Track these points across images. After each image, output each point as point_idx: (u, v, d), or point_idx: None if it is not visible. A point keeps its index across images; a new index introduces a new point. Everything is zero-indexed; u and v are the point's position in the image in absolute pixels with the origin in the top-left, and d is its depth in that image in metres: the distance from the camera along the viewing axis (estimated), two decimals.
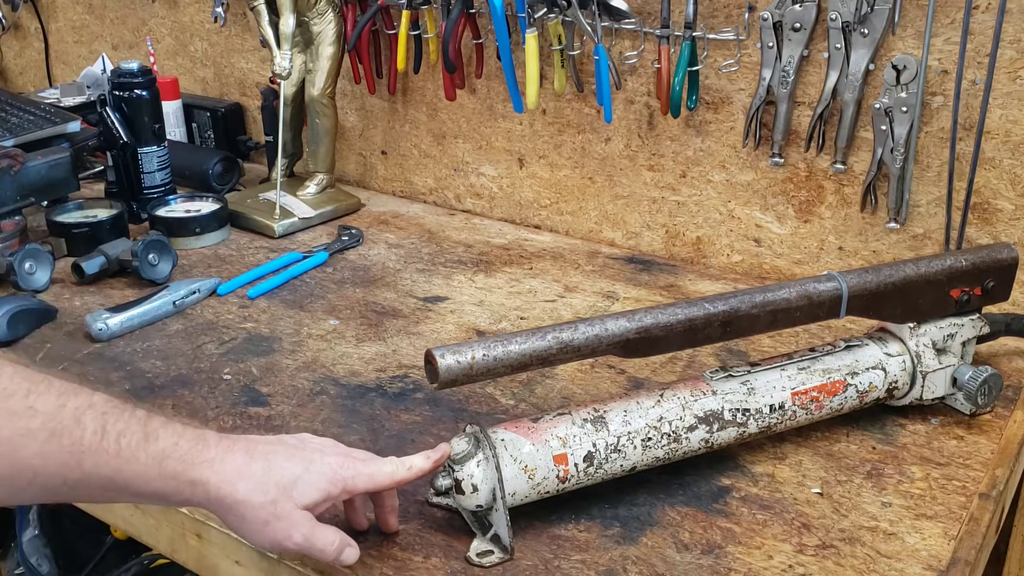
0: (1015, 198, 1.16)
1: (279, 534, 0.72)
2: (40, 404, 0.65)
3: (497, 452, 0.80)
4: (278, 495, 0.72)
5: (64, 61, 2.18)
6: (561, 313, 1.25)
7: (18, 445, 0.64)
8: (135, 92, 1.49)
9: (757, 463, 0.94)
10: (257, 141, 1.85)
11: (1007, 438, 0.97)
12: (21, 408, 0.64)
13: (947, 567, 0.80)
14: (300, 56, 1.55)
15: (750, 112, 1.28)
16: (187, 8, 1.87)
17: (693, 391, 0.88)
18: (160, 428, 0.71)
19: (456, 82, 1.52)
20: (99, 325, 1.18)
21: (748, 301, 0.87)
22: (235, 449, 0.73)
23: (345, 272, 1.38)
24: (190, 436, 0.72)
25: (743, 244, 1.37)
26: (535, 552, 0.82)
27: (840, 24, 1.17)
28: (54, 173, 1.44)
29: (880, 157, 1.20)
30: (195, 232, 1.47)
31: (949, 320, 0.98)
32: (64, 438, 0.65)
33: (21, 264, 1.29)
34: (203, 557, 0.90)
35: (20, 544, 1.74)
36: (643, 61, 1.36)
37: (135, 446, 0.68)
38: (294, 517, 0.72)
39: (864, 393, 0.95)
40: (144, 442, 0.69)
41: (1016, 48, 1.10)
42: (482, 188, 1.61)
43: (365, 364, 1.13)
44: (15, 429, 0.64)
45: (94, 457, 0.66)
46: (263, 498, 0.72)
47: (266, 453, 0.74)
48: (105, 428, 0.67)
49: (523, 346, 0.79)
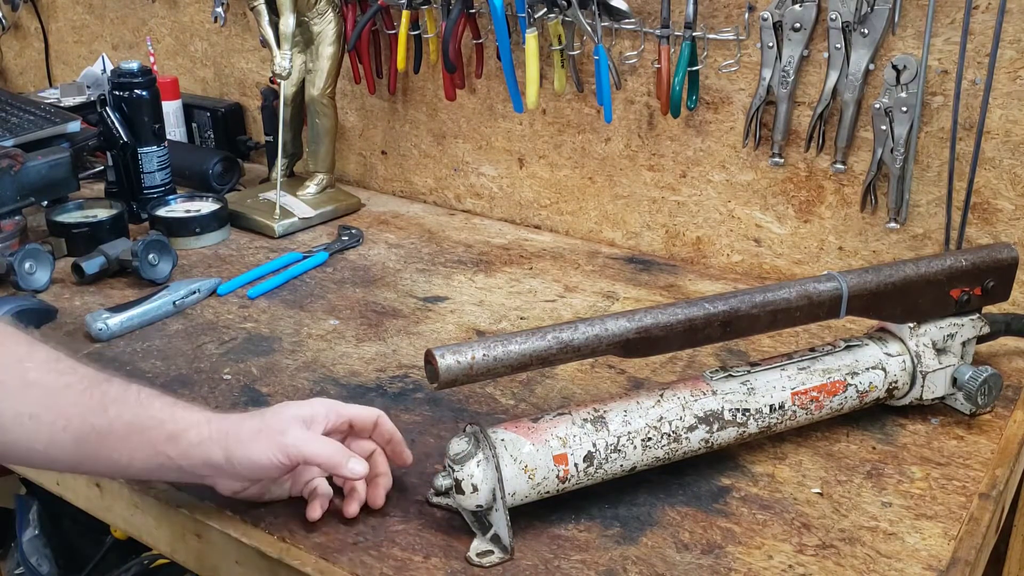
0: (1015, 198, 1.16)
1: (275, 436, 0.80)
2: (81, 368, 0.80)
3: (497, 452, 0.80)
4: (265, 414, 0.83)
5: (64, 61, 2.18)
6: (561, 313, 1.25)
7: (61, 395, 0.77)
8: (135, 92, 1.49)
9: (757, 463, 0.94)
10: (257, 141, 1.85)
11: (1007, 438, 0.97)
12: (65, 367, 0.79)
13: (947, 567, 0.80)
14: (300, 56, 1.55)
15: (750, 112, 1.28)
16: (187, 8, 1.87)
17: (693, 391, 0.88)
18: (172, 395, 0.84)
19: (456, 82, 1.52)
20: (99, 325, 1.18)
21: (748, 301, 0.87)
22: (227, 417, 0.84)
23: (345, 272, 1.38)
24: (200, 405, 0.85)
25: (743, 244, 1.37)
26: (535, 552, 0.82)
27: (840, 24, 1.17)
28: (54, 173, 1.44)
29: (880, 157, 1.20)
30: (195, 232, 1.47)
31: (949, 320, 0.98)
32: (95, 390, 0.78)
33: (21, 264, 1.29)
34: (203, 557, 0.90)
35: (20, 544, 1.74)
36: (643, 61, 1.36)
37: (150, 397, 0.81)
38: (285, 424, 0.82)
39: (864, 393, 0.95)
40: (159, 397, 0.82)
41: (1016, 48, 1.10)
42: (482, 188, 1.61)
43: (365, 364, 1.13)
44: (61, 383, 0.77)
45: (117, 405, 0.78)
46: (252, 421, 0.82)
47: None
48: (129, 385, 0.81)
49: (523, 346, 0.79)
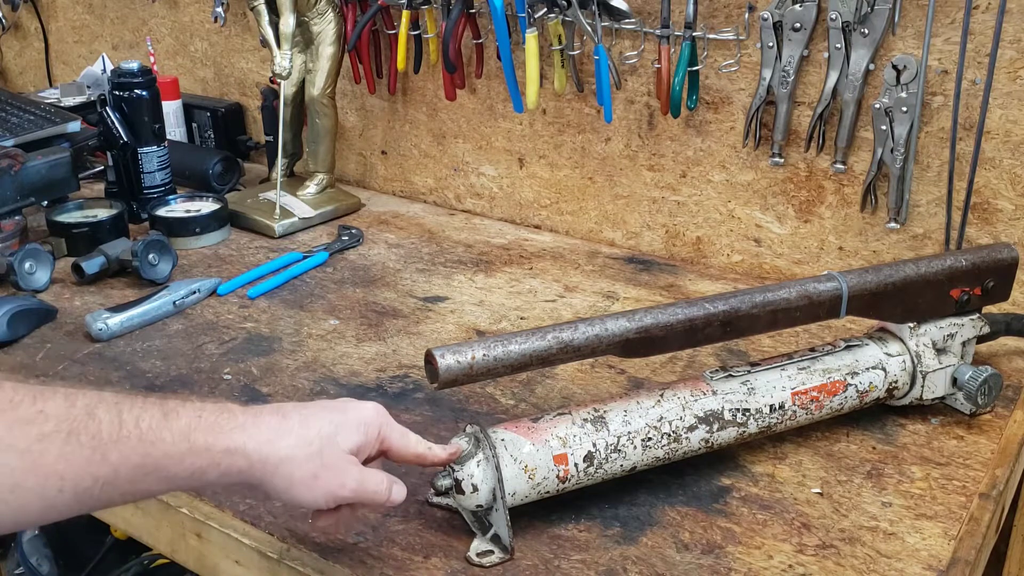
0: (1015, 198, 1.16)
1: (332, 484, 0.70)
2: (49, 408, 0.63)
3: (497, 452, 0.80)
4: (322, 445, 0.70)
5: (64, 61, 2.18)
6: (561, 313, 1.25)
7: (38, 452, 0.61)
8: (135, 92, 1.49)
9: (757, 463, 0.94)
10: (257, 141, 1.85)
11: (1007, 438, 0.97)
12: (31, 415, 0.62)
13: (947, 567, 0.80)
14: (300, 56, 1.55)
15: (750, 112, 1.28)
16: (187, 8, 1.87)
17: (693, 391, 0.88)
18: (179, 406, 0.68)
19: (456, 82, 1.52)
20: (99, 325, 1.18)
21: (748, 301, 0.87)
22: (263, 412, 0.71)
23: (345, 272, 1.38)
24: (212, 408, 0.69)
25: (743, 244, 1.37)
26: (535, 552, 0.82)
27: (840, 24, 1.17)
28: (54, 173, 1.45)
29: (880, 157, 1.20)
30: (195, 232, 1.47)
31: (949, 320, 0.98)
32: (82, 435, 0.62)
33: (21, 264, 1.29)
34: (203, 557, 0.90)
35: (20, 544, 1.74)
36: (643, 61, 1.36)
37: (156, 427, 0.65)
38: (342, 464, 0.71)
39: (864, 393, 0.95)
40: (164, 421, 0.66)
41: (1016, 48, 1.10)
42: (482, 188, 1.61)
43: (365, 364, 1.13)
44: (30, 437, 0.61)
45: (117, 447, 0.63)
46: (307, 450, 0.69)
47: (297, 408, 0.72)
48: (121, 416, 0.64)
49: (523, 346, 0.79)
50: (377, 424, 0.75)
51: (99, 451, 0.62)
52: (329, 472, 0.70)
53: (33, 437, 0.61)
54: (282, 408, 0.72)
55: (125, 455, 0.63)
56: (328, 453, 0.70)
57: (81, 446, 0.62)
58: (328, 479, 0.70)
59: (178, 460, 0.65)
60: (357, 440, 0.73)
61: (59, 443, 0.61)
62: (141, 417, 0.65)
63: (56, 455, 0.61)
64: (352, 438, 0.72)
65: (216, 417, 0.68)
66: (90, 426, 0.63)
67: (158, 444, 0.65)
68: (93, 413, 0.63)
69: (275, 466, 0.68)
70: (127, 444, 0.63)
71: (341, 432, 0.72)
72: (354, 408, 0.75)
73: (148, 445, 0.64)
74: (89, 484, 0.62)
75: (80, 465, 0.62)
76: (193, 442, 0.66)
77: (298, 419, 0.71)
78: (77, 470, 0.62)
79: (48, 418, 0.62)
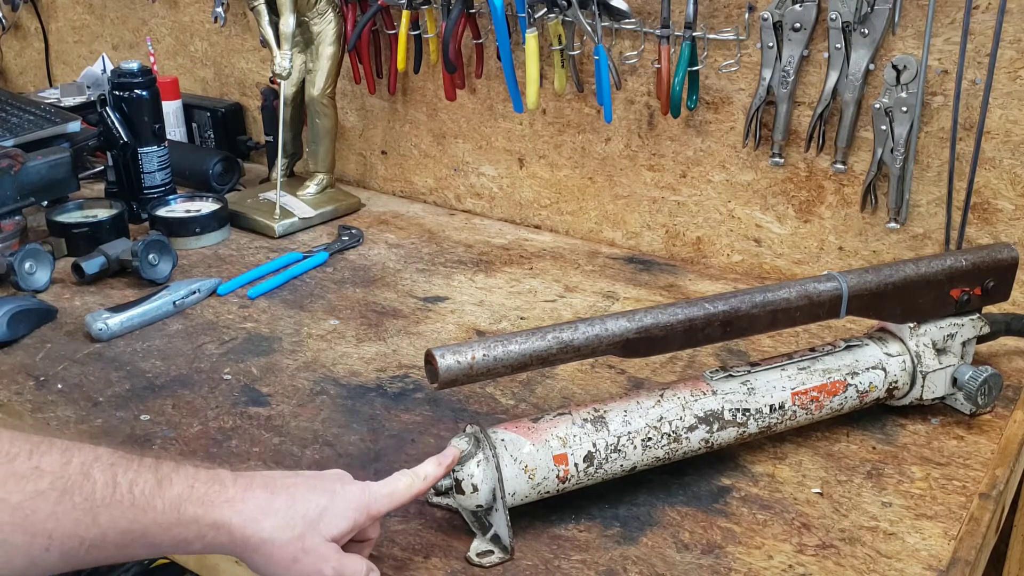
0: (1015, 198, 1.16)
1: (309, 569, 0.70)
2: (45, 463, 0.62)
3: (497, 452, 0.80)
4: (305, 529, 0.70)
5: (64, 61, 2.18)
6: (561, 313, 1.25)
7: (30, 509, 0.61)
8: (135, 92, 1.49)
9: (757, 463, 0.94)
10: (257, 141, 1.85)
11: (1007, 438, 0.97)
12: (27, 470, 0.61)
13: (947, 567, 0.80)
14: (300, 56, 1.55)
15: (750, 112, 1.28)
16: (187, 8, 1.87)
17: (693, 391, 0.88)
18: (173, 472, 0.68)
19: (456, 82, 1.52)
20: (99, 325, 1.18)
21: (748, 301, 0.87)
22: (254, 486, 0.71)
23: (345, 272, 1.38)
24: (205, 477, 0.69)
25: (743, 244, 1.37)
26: (535, 552, 0.82)
27: (840, 24, 1.17)
28: (54, 173, 1.45)
29: (880, 157, 1.20)
30: (195, 232, 1.47)
31: (949, 320, 0.98)
32: (75, 495, 0.62)
33: (21, 264, 1.29)
34: (203, 557, 0.90)
35: None
36: (643, 61, 1.36)
37: (149, 493, 0.66)
38: (322, 550, 0.71)
39: (864, 393, 0.95)
40: (158, 488, 0.66)
41: (1016, 48, 1.10)
42: (482, 188, 1.61)
43: (365, 364, 1.13)
44: (25, 493, 0.61)
45: (109, 510, 0.63)
46: (290, 533, 0.70)
47: (287, 487, 0.72)
48: (116, 479, 0.65)
49: (523, 346, 0.79)
50: (365, 507, 0.74)
51: (90, 513, 0.63)
52: (309, 557, 0.70)
53: (27, 493, 0.61)
54: (272, 482, 0.72)
55: (115, 519, 0.64)
56: (310, 538, 0.70)
57: (74, 507, 0.62)
58: (306, 564, 0.70)
59: (165, 529, 0.66)
60: (343, 527, 0.72)
61: (52, 502, 0.61)
62: (135, 481, 0.65)
63: (47, 514, 0.61)
64: (338, 525, 0.72)
65: (207, 488, 0.69)
66: (84, 486, 0.63)
67: (148, 512, 0.65)
68: (89, 473, 0.64)
69: (256, 546, 0.69)
70: (118, 509, 0.64)
71: (325, 518, 0.72)
72: (342, 493, 0.74)
73: (139, 511, 0.65)
74: (75, 545, 0.63)
75: (69, 526, 0.62)
76: (183, 513, 0.67)
77: (285, 499, 0.71)
78: (66, 531, 0.62)
79: (43, 475, 0.62)
